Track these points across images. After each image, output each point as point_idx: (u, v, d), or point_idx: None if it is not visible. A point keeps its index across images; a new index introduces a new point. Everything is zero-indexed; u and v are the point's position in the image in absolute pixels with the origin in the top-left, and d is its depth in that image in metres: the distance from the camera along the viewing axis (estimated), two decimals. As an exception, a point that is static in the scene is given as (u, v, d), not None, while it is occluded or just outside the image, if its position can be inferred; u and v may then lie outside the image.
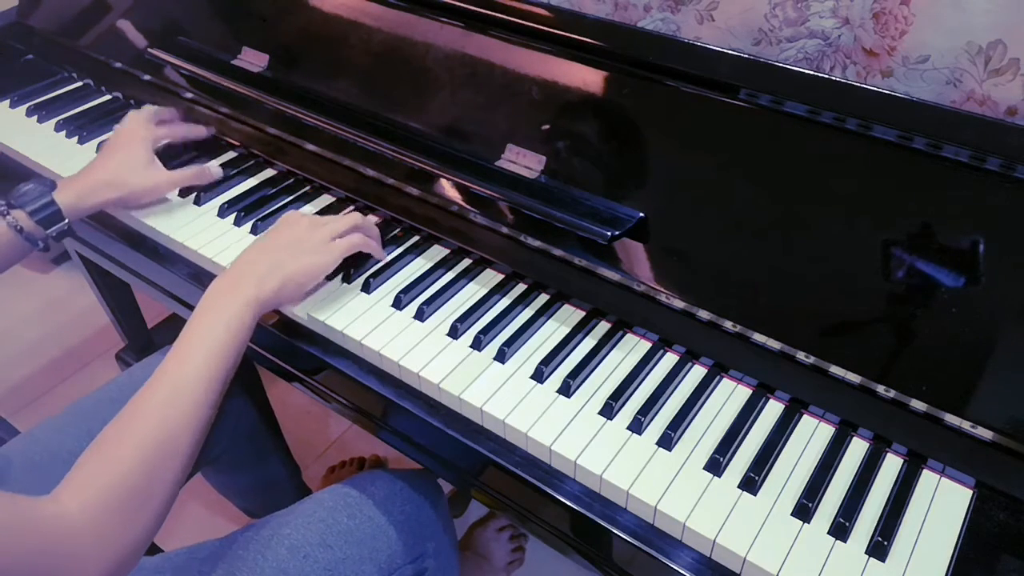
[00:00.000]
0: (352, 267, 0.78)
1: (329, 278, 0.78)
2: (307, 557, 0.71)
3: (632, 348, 0.71)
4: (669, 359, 0.70)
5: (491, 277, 0.79)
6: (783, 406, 0.66)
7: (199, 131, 0.96)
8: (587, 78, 0.76)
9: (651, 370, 0.69)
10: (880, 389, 0.61)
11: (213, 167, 0.90)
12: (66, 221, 0.80)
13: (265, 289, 0.68)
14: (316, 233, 0.74)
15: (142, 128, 0.89)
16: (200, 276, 0.85)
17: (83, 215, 0.84)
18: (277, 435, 1.17)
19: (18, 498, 0.50)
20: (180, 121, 0.96)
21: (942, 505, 0.58)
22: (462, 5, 0.82)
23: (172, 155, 0.95)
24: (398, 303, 0.75)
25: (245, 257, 0.72)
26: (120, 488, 0.54)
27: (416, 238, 0.83)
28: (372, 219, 0.84)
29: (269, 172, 0.95)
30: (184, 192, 0.90)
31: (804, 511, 0.58)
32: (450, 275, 0.79)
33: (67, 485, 0.54)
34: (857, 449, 0.63)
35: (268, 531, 0.73)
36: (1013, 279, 0.58)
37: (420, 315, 0.74)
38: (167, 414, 0.59)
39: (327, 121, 0.87)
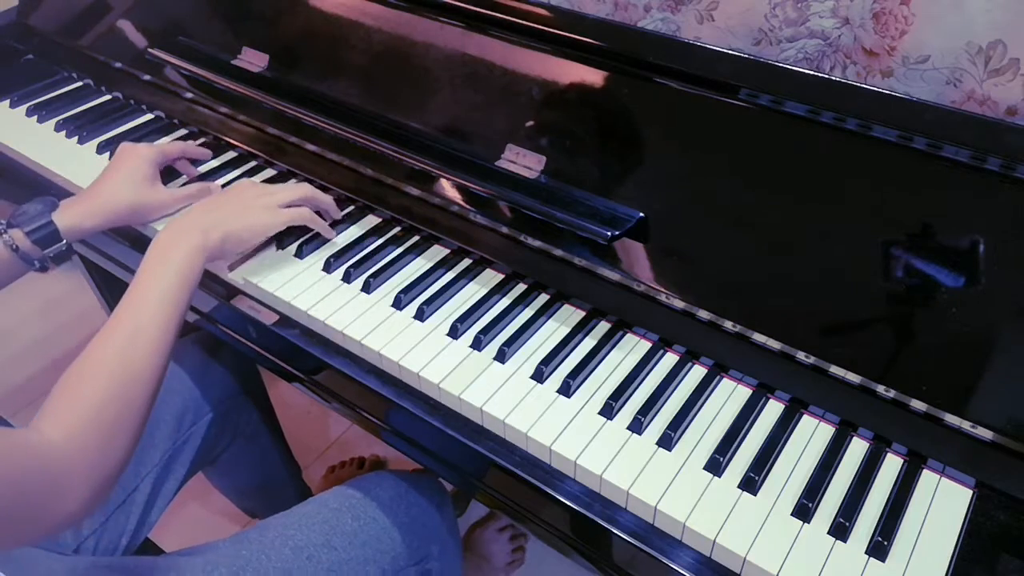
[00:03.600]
0: (353, 266, 0.78)
1: (327, 269, 0.78)
2: (311, 558, 0.71)
3: (632, 348, 0.71)
4: (669, 359, 0.70)
5: (491, 277, 0.79)
6: (783, 406, 0.66)
7: (203, 153, 0.94)
8: (587, 78, 0.76)
9: (651, 370, 0.69)
10: (880, 389, 0.61)
11: (215, 185, 0.90)
12: (64, 242, 0.79)
13: (210, 239, 0.71)
14: (262, 198, 0.77)
15: (145, 149, 0.87)
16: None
17: (84, 236, 0.82)
18: (278, 435, 1.17)
19: (2, 430, 0.54)
20: (182, 148, 0.94)
21: (942, 505, 0.58)
22: (462, 5, 0.82)
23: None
24: (398, 303, 0.75)
25: (189, 213, 0.75)
26: (97, 418, 0.59)
27: (416, 238, 0.83)
28: (367, 220, 0.84)
29: (269, 172, 0.94)
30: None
31: (804, 511, 0.58)
32: (450, 275, 0.79)
33: (45, 416, 0.58)
34: (857, 449, 0.63)
35: (272, 532, 0.73)
36: (1013, 279, 0.58)
37: (420, 315, 0.74)
38: (128, 353, 0.62)
39: (327, 121, 0.87)
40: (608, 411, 0.65)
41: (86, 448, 0.57)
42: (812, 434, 0.64)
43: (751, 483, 0.59)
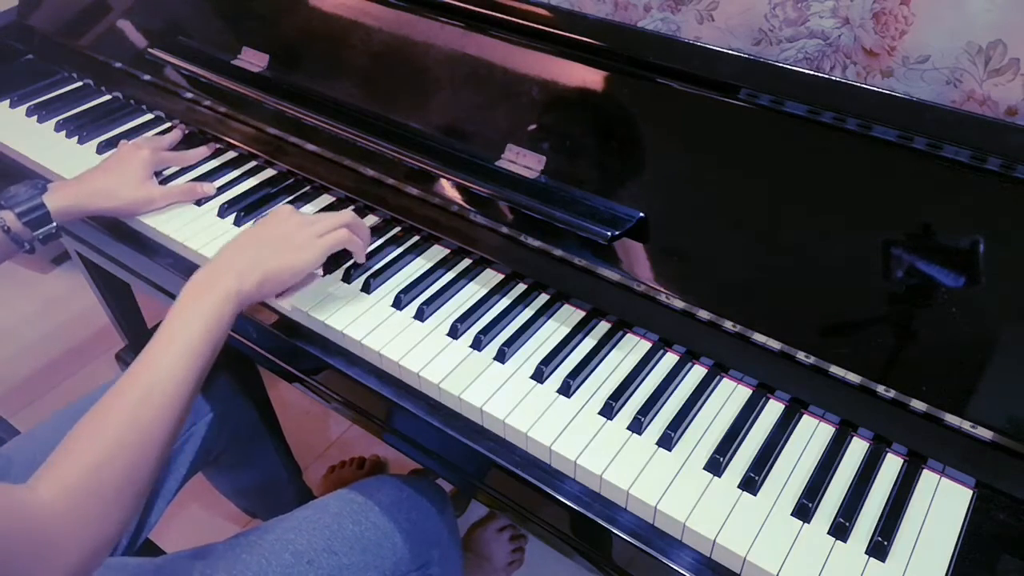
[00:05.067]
0: (352, 267, 0.78)
1: (328, 270, 0.78)
2: (312, 563, 0.71)
3: (632, 348, 0.71)
4: (669, 359, 0.70)
5: (491, 277, 0.79)
6: (783, 406, 0.66)
7: (200, 153, 0.96)
8: (587, 78, 0.76)
9: (651, 370, 0.69)
10: (880, 389, 0.61)
11: (206, 185, 0.90)
12: (54, 224, 0.80)
13: (246, 284, 0.68)
14: (303, 231, 0.73)
15: (144, 147, 0.89)
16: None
17: (72, 219, 0.84)
18: (277, 435, 1.17)
19: None
20: (181, 145, 0.97)
21: (942, 505, 0.58)
22: (462, 5, 0.82)
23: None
24: (398, 303, 0.75)
25: (228, 249, 0.71)
26: (96, 480, 0.55)
27: (416, 238, 0.83)
28: (367, 220, 0.84)
29: (269, 172, 0.95)
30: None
31: (804, 511, 0.58)
32: (450, 275, 0.79)
33: (43, 476, 0.55)
34: (857, 449, 0.63)
35: (272, 535, 0.73)
36: (1013, 279, 0.58)
37: (420, 315, 0.74)
38: (140, 412, 0.59)
39: (327, 121, 0.87)
40: (608, 411, 0.65)
41: (80, 512, 0.54)
42: (812, 434, 0.64)
43: (751, 483, 0.59)
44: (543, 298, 0.76)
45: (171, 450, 0.62)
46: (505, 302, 0.75)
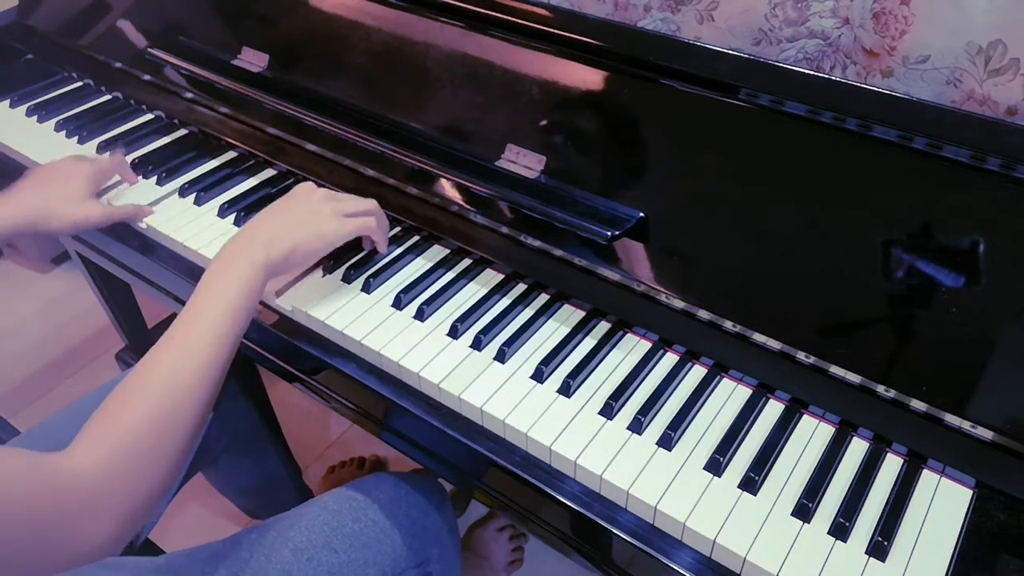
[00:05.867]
0: (352, 267, 0.78)
1: (328, 270, 0.78)
2: (311, 560, 0.71)
3: (632, 348, 0.71)
4: (669, 359, 0.70)
5: (491, 277, 0.79)
6: (783, 406, 0.66)
7: (133, 177, 0.93)
8: (587, 78, 0.76)
9: (651, 370, 0.69)
10: (880, 389, 0.61)
11: (148, 208, 0.87)
12: None
13: (274, 253, 0.68)
14: (329, 204, 0.74)
15: (87, 167, 0.86)
16: (200, 276, 0.85)
17: (9, 237, 0.81)
18: (278, 435, 1.17)
19: (35, 454, 0.52)
20: (182, 147, 0.94)
21: (942, 505, 0.58)
22: (462, 5, 0.82)
23: (167, 158, 0.95)
24: (398, 303, 0.75)
25: (256, 221, 0.72)
26: (132, 447, 0.56)
27: (416, 238, 0.83)
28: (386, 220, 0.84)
29: (269, 172, 0.95)
30: (184, 192, 0.90)
31: (804, 511, 0.58)
32: (450, 275, 0.79)
33: (80, 442, 0.55)
34: (857, 449, 0.63)
35: (272, 533, 0.73)
36: (1013, 279, 0.58)
37: (420, 315, 0.74)
38: (177, 376, 0.60)
39: (327, 121, 0.87)
40: (608, 411, 0.65)
41: (117, 479, 0.54)
42: (812, 434, 0.64)
43: (751, 483, 0.59)
44: (543, 298, 0.76)
45: (207, 420, 0.62)
46: (505, 302, 0.75)
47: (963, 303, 0.59)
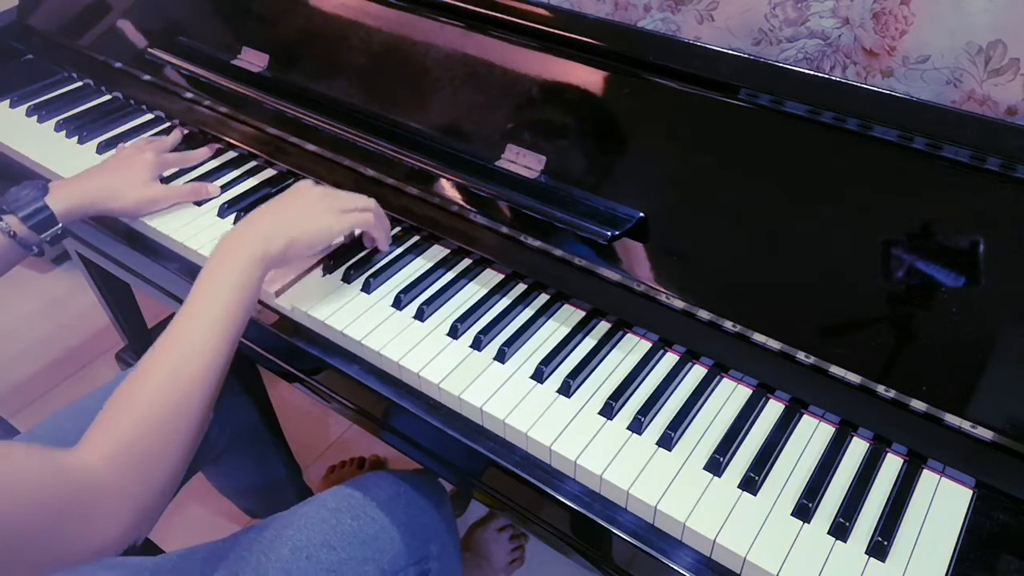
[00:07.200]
0: (352, 267, 0.78)
1: (328, 270, 0.78)
2: (310, 558, 0.71)
3: (632, 348, 0.71)
4: (669, 359, 0.70)
5: (491, 277, 0.79)
6: (783, 406, 0.66)
7: (202, 154, 0.96)
8: (587, 78, 0.76)
9: (651, 370, 0.69)
10: (880, 389, 0.61)
11: (211, 186, 0.90)
12: (60, 225, 0.80)
13: (272, 247, 0.69)
14: (326, 200, 0.74)
15: (147, 149, 0.90)
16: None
17: (76, 220, 0.84)
18: (278, 435, 1.17)
19: (45, 450, 0.52)
20: (182, 146, 0.98)
21: (942, 505, 0.58)
22: (462, 5, 0.82)
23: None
24: (398, 303, 0.75)
25: (255, 216, 0.72)
26: (139, 444, 0.56)
27: (416, 238, 0.83)
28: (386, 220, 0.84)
29: (269, 172, 0.95)
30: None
31: (804, 511, 0.58)
32: (450, 275, 0.79)
33: (88, 440, 0.56)
34: (857, 449, 0.63)
35: (271, 532, 0.73)
36: (1013, 279, 0.58)
37: (420, 315, 0.74)
38: (181, 369, 0.60)
39: (327, 121, 0.87)
40: (608, 411, 0.65)
41: (125, 476, 0.55)
42: (812, 434, 0.64)
43: (751, 483, 0.59)
44: (543, 298, 0.76)
45: (211, 415, 0.63)
46: (505, 302, 0.75)
47: (963, 303, 0.59)
